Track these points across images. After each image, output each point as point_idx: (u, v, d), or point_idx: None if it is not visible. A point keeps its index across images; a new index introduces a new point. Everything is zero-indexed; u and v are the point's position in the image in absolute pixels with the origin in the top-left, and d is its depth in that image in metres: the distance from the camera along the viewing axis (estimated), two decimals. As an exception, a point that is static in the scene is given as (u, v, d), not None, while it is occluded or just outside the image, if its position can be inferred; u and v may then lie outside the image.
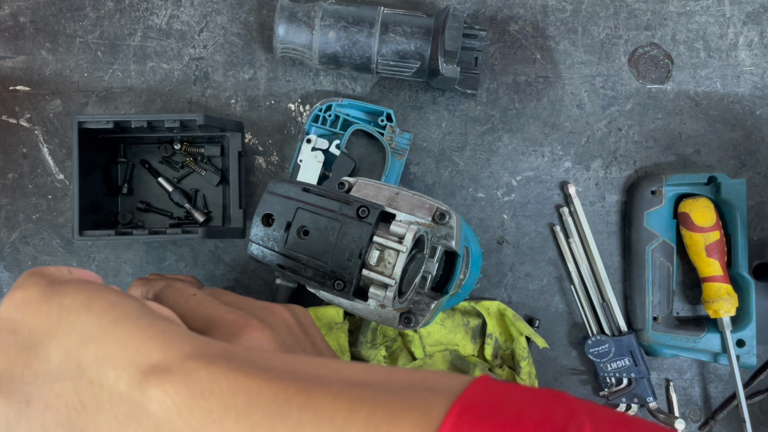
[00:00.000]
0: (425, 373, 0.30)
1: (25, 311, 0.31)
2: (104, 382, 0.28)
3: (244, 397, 0.26)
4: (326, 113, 0.68)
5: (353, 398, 0.26)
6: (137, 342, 0.29)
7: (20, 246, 0.71)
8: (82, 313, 0.30)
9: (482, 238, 0.71)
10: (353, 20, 0.64)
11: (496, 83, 0.71)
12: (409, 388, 0.27)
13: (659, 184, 0.68)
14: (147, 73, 0.71)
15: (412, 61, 0.65)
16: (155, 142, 0.70)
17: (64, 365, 0.29)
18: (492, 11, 0.71)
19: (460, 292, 0.59)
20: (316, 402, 0.26)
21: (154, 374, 0.27)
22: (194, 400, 0.27)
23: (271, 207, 0.44)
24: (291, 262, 0.43)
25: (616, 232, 0.71)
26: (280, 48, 0.66)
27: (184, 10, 0.71)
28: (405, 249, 0.41)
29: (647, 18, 0.71)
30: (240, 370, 0.27)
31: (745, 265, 0.66)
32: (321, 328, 0.66)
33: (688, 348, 0.67)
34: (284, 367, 0.29)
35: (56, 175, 0.71)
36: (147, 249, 0.71)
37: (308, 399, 0.26)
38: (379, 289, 0.42)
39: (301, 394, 0.27)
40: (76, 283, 0.32)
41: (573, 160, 0.71)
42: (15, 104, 0.71)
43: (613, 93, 0.71)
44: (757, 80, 0.71)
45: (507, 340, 0.69)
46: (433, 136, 0.71)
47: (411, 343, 0.68)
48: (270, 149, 0.71)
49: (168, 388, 0.27)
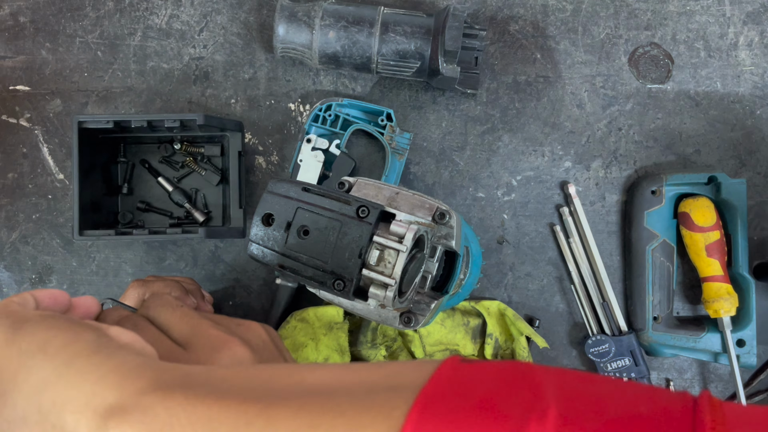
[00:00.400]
0: (389, 367, 0.30)
1: None
2: (65, 427, 0.28)
3: (205, 427, 0.26)
4: (326, 113, 0.68)
5: (314, 412, 0.26)
6: (90, 382, 0.28)
7: (20, 246, 0.71)
8: (37, 356, 0.30)
9: (482, 237, 0.71)
10: (353, 20, 0.64)
11: (496, 83, 0.71)
12: (372, 390, 0.27)
13: (659, 184, 0.68)
14: (147, 72, 0.71)
15: (412, 61, 0.65)
16: (155, 141, 0.70)
17: (27, 411, 0.29)
18: (492, 11, 0.71)
19: (460, 292, 0.59)
20: (277, 423, 0.26)
21: (112, 416, 0.27)
22: None
23: (271, 207, 0.44)
24: (291, 261, 0.43)
25: (617, 231, 0.71)
26: (280, 48, 0.66)
27: (184, 10, 0.71)
28: (405, 249, 0.41)
29: (647, 18, 0.71)
30: (197, 398, 0.27)
31: (745, 264, 0.66)
32: (321, 327, 0.66)
33: (689, 348, 0.67)
34: (245, 384, 0.29)
35: (56, 174, 0.71)
36: (147, 249, 0.71)
37: (269, 421, 0.26)
38: (379, 289, 0.42)
39: (261, 416, 0.26)
40: (35, 322, 0.31)
41: (573, 159, 0.71)
42: (15, 104, 0.71)
43: (614, 93, 0.71)
44: (757, 80, 0.71)
45: (507, 340, 0.69)
46: (433, 135, 0.71)
47: (411, 343, 0.68)
48: (270, 149, 0.71)
49: (127, 429, 0.27)
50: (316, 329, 0.66)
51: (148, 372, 0.29)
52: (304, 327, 0.66)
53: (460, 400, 0.25)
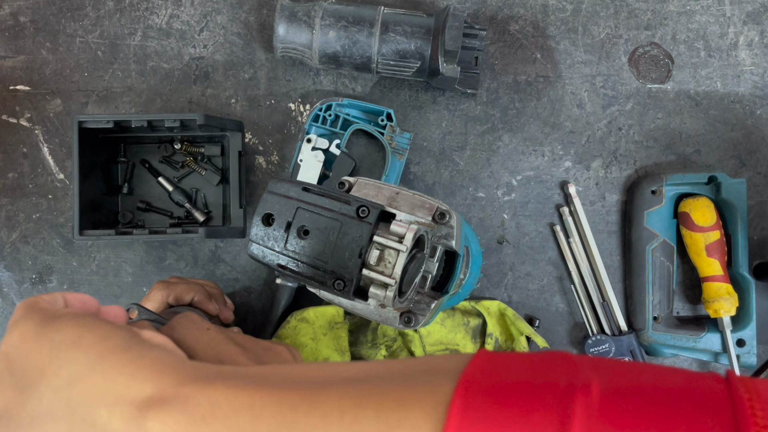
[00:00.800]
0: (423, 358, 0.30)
1: (20, 349, 0.30)
2: (96, 420, 0.27)
3: (248, 414, 0.26)
4: (326, 113, 0.68)
5: (358, 394, 0.26)
6: (126, 376, 0.28)
7: (20, 245, 0.71)
8: (71, 349, 0.29)
9: (482, 237, 0.71)
10: (353, 20, 0.64)
11: (496, 83, 0.71)
12: (411, 375, 0.27)
13: (659, 184, 0.68)
14: (147, 72, 0.71)
15: (412, 61, 0.65)
16: (155, 141, 0.70)
17: (55, 405, 0.28)
18: (492, 11, 0.71)
19: (461, 292, 0.59)
20: (322, 405, 0.26)
21: (151, 407, 0.26)
22: (196, 426, 0.26)
23: (271, 207, 0.44)
24: (291, 261, 0.43)
25: (617, 231, 0.71)
26: (280, 47, 0.66)
27: (184, 10, 0.71)
28: (405, 249, 0.41)
29: (647, 17, 0.71)
30: (238, 387, 0.27)
31: (745, 264, 0.66)
32: (321, 327, 0.66)
33: (689, 347, 0.67)
34: (283, 376, 0.29)
35: (56, 174, 0.71)
36: (147, 248, 0.71)
37: (313, 404, 0.26)
38: (380, 289, 0.42)
39: (305, 400, 0.26)
40: (68, 318, 0.31)
41: (573, 159, 0.71)
42: (15, 104, 0.71)
43: (614, 92, 0.71)
44: (757, 80, 0.71)
45: (507, 340, 0.69)
46: (434, 135, 0.71)
47: (411, 343, 0.68)
48: (270, 149, 0.71)
49: (167, 419, 0.26)
50: (316, 329, 0.66)
51: (185, 366, 0.29)
52: (304, 327, 0.66)
53: (504, 376, 0.25)
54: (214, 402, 0.26)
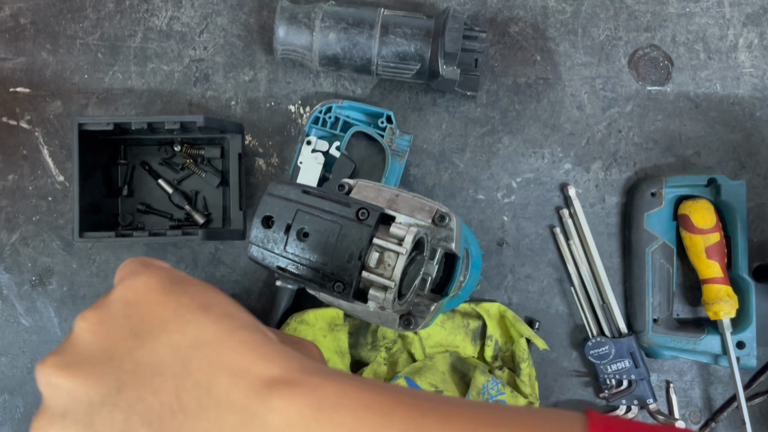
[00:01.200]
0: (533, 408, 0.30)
1: (144, 298, 0.29)
2: (213, 388, 0.26)
3: (378, 413, 0.26)
4: (326, 115, 0.68)
5: (488, 416, 0.26)
6: (255, 354, 0.27)
7: (20, 247, 0.71)
8: (199, 314, 0.28)
9: (482, 239, 0.71)
10: (353, 22, 0.64)
11: (496, 85, 0.71)
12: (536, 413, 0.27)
13: (659, 186, 0.68)
14: (147, 74, 0.71)
15: (412, 63, 0.65)
16: (155, 143, 0.70)
17: (169, 362, 0.27)
18: (492, 13, 0.71)
19: (460, 294, 0.59)
20: (453, 420, 0.25)
21: (277, 387, 0.26)
22: (323, 413, 0.25)
23: (270, 209, 0.44)
24: (291, 263, 0.43)
25: (616, 233, 0.71)
26: (280, 49, 0.66)
27: (184, 12, 0.71)
28: (405, 251, 0.41)
29: (647, 19, 0.71)
30: (365, 388, 0.27)
31: (745, 266, 0.66)
32: (321, 329, 0.66)
33: (688, 350, 0.67)
34: (400, 390, 0.28)
35: (56, 176, 0.71)
36: (147, 251, 0.71)
37: (443, 416, 0.25)
38: (379, 291, 0.42)
39: (434, 412, 0.26)
40: (198, 284, 0.31)
41: (573, 161, 0.71)
42: (15, 106, 0.71)
43: (613, 95, 0.71)
44: (756, 82, 0.71)
45: (507, 342, 0.69)
46: (433, 137, 0.71)
47: (411, 345, 0.68)
48: (270, 151, 0.71)
49: (294, 400, 0.25)
50: (316, 331, 0.66)
51: (311, 361, 0.29)
52: (304, 329, 0.66)
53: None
54: (344, 394, 0.26)
